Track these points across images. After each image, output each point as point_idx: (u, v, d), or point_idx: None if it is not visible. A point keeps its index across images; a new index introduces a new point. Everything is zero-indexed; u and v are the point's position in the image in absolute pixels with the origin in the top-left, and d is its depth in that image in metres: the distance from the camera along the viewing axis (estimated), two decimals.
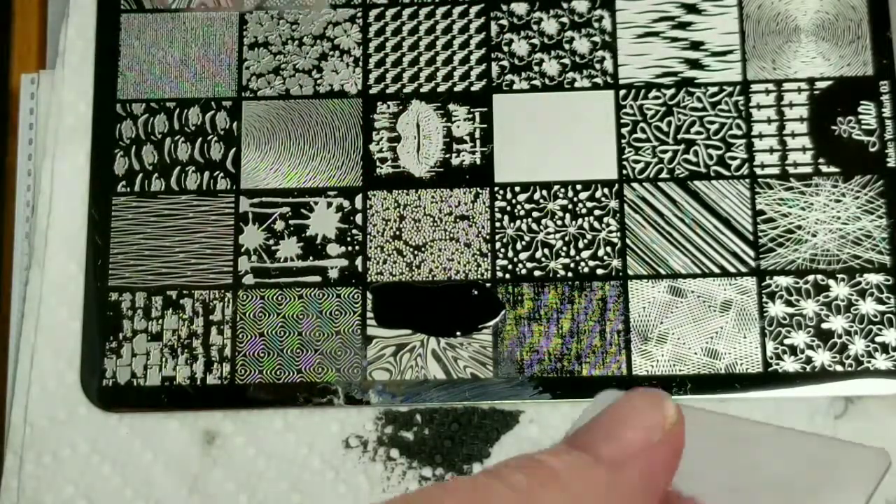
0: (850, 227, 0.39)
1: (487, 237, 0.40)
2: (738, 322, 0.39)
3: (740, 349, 0.38)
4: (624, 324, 0.39)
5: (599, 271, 0.39)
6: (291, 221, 0.41)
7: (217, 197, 0.41)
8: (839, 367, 0.38)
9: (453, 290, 0.40)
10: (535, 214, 0.40)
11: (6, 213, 0.41)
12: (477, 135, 0.41)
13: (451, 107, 0.41)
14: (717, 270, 0.39)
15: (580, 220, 0.40)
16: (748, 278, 0.39)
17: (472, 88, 0.41)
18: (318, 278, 0.40)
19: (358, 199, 0.41)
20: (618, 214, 0.40)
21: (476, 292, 0.40)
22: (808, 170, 0.40)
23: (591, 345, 0.39)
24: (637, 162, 0.40)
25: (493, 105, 0.41)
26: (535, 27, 0.42)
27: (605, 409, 0.27)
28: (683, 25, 0.41)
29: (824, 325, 0.38)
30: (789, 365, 0.38)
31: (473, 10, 0.42)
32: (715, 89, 0.40)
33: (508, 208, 0.40)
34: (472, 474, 0.27)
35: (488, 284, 0.40)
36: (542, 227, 0.40)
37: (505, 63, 0.41)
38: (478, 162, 0.41)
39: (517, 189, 0.40)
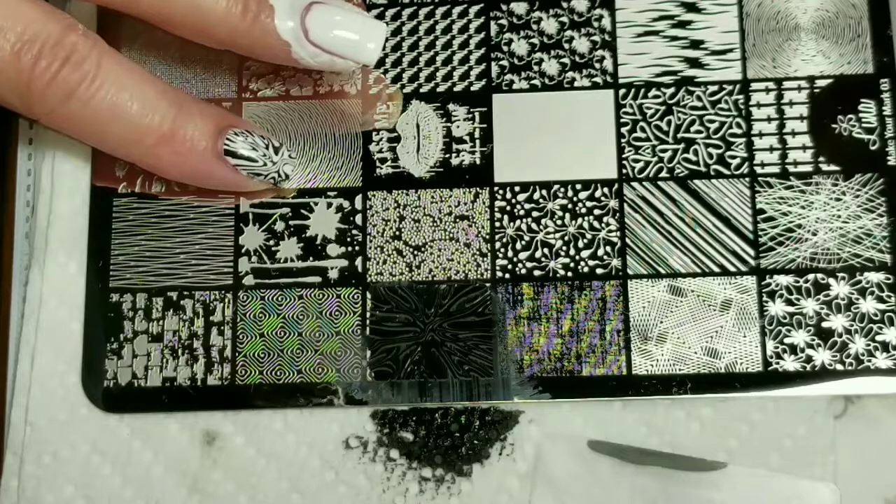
0: (851, 226, 0.39)
1: (487, 237, 0.40)
2: (738, 321, 0.39)
3: (740, 348, 0.38)
4: (624, 323, 0.39)
5: (599, 271, 0.39)
6: (291, 222, 0.41)
7: (217, 198, 0.41)
8: (839, 367, 0.38)
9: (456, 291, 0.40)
10: (534, 214, 0.40)
11: (6, 213, 0.41)
12: (477, 135, 0.41)
13: (451, 107, 0.41)
14: (716, 269, 0.39)
15: (580, 220, 0.40)
16: (748, 277, 0.39)
17: (472, 88, 0.41)
18: (318, 279, 0.40)
19: (358, 200, 0.41)
20: (617, 214, 0.40)
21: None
22: (809, 168, 0.40)
23: (591, 344, 0.39)
24: (637, 161, 0.40)
25: (492, 105, 0.41)
26: (534, 27, 0.41)
27: None
28: (683, 24, 0.41)
29: (824, 324, 0.38)
30: (789, 364, 0.38)
31: (473, 9, 0.42)
32: (715, 88, 0.40)
33: (508, 208, 0.40)
34: None
35: (488, 284, 0.40)
36: (541, 227, 0.40)
37: (504, 63, 0.41)
38: (477, 162, 0.41)
39: (517, 189, 0.40)
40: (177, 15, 0.38)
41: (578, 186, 0.40)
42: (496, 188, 0.40)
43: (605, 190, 0.40)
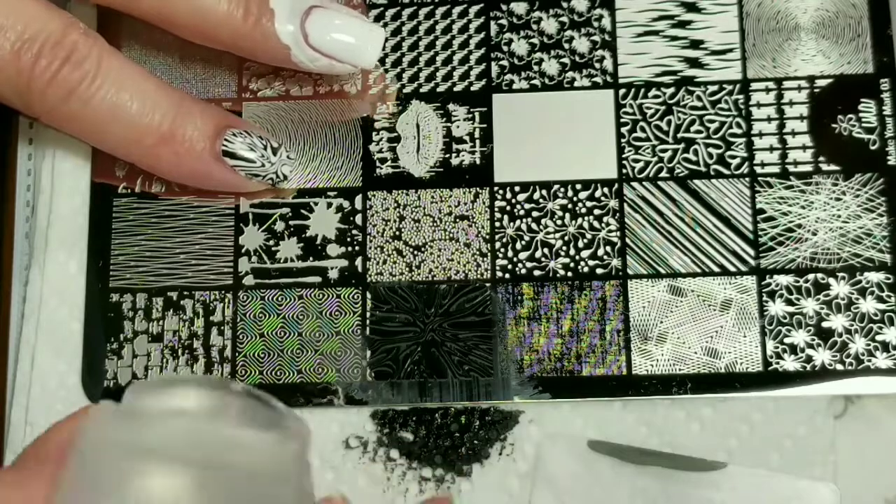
0: (851, 226, 0.39)
1: (487, 237, 0.40)
2: (738, 321, 0.38)
3: (740, 348, 0.38)
4: (624, 323, 0.39)
5: (599, 270, 0.39)
6: (291, 222, 0.41)
7: (217, 198, 0.41)
8: (839, 366, 0.38)
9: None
10: (534, 214, 0.40)
11: (6, 213, 0.41)
12: (476, 135, 0.41)
13: (451, 107, 0.41)
14: (716, 269, 0.39)
15: (580, 220, 0.40)
16: (748, 277, 0.39)
17: (472, 88, 0.41)
18: (318, 279, 0.40)
19: (358, 200, 0.41)
20: (617, 214, 0.40)
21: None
22: (809, 168, 0.40)
23: (591, 344, 0.39)
24: (637, 161, 0.40)
25: (492, 105, 0.41)
26: (534, 27, 0.41)
27: None
28: (683, 24, 0.41)
29: (824, 324, 0.38)
30: (789, 364, 0.38)
31: (473, 9, 0.42)
32: (715, 88, 0.40)
33: (508, 208, 0.40)
34: None
35: (488, 284, 0.40)
36: (541, 227, 0.40)
37: (504, 63, 0.41)
38: (477, 162, 0.41)
39: (517, 189, 0.40)
40: (178, 17, 0.38)
41: (578, 186, 0.40)
42: (496, 188, 0.40)
43: (605, 190, 0.40)
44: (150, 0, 0.38)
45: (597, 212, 0.40)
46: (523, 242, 0.40)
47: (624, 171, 0.40)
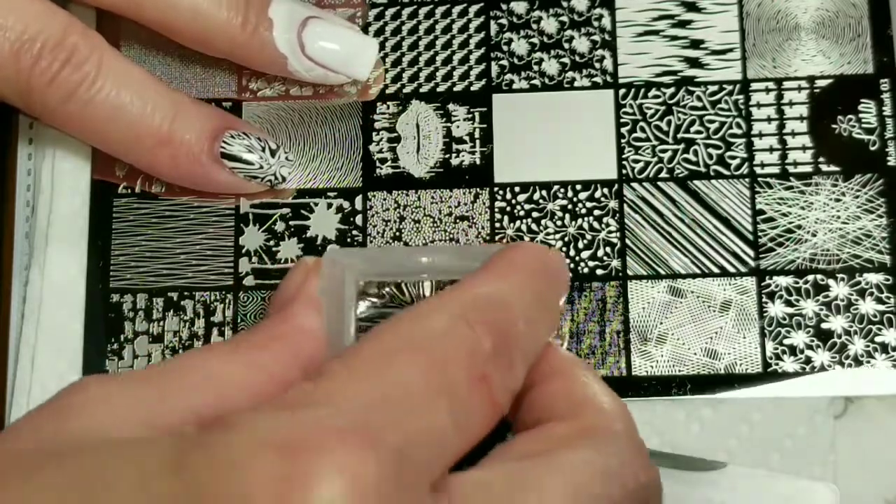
0: (850, 227, 0.39)
1: (487, 238, 0.40)
2: (738, 322, 0.39)
3: (740, 349, 0.38)
4: (623, 324, 0.39)
5: (599, 271, 0.39)
6: (292, 223, 0.41)
7: (218, 198, 0.41)
8: (839, 367, 0.38)
9: None
10: (534, 215, 0.40)
11: (6, 213, 0.41)
12: (476, 135, 0.41)
13: (451, 107, 0.41)
14: (716, 270, 0.39)
15: (580, 221, 0.40)
16: (748, 278, 0.39)
17: (472, 88, 0.41)
18: None
19: (358, 200, 0.41)
20: (617, 214, 0.40)
21: None
22: (808, 169, 0.40)
23: (592, 346, 0.39)
24: (637, 161, 0.40)
25: (492, 105, 0.41)
26: (534, 26, 0.41)
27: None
28: (683, 24, 0.41)
29: (824, 325, 0.38)
30: (789, 365, 0.38)
31: (473, 9, 0.42)
32: (715, 88, 0.40)
33: (508, 208, 0.40)
34: None
35: None
36: (541, 228, 0.40)
37: (504, 62, 0.41)
38: (477, 162, 0.41)
39: (517, 189, 0.40)
40: (177, 23, 0.38)
41: (578, 187, 0.40)
42: (496, 188, 0.40)
43: (605, 190, 0.40)
44: (150, 6, 0.38)
45: (597, 212, 0.40)
46: None
47: (624, 171, 0.40)
